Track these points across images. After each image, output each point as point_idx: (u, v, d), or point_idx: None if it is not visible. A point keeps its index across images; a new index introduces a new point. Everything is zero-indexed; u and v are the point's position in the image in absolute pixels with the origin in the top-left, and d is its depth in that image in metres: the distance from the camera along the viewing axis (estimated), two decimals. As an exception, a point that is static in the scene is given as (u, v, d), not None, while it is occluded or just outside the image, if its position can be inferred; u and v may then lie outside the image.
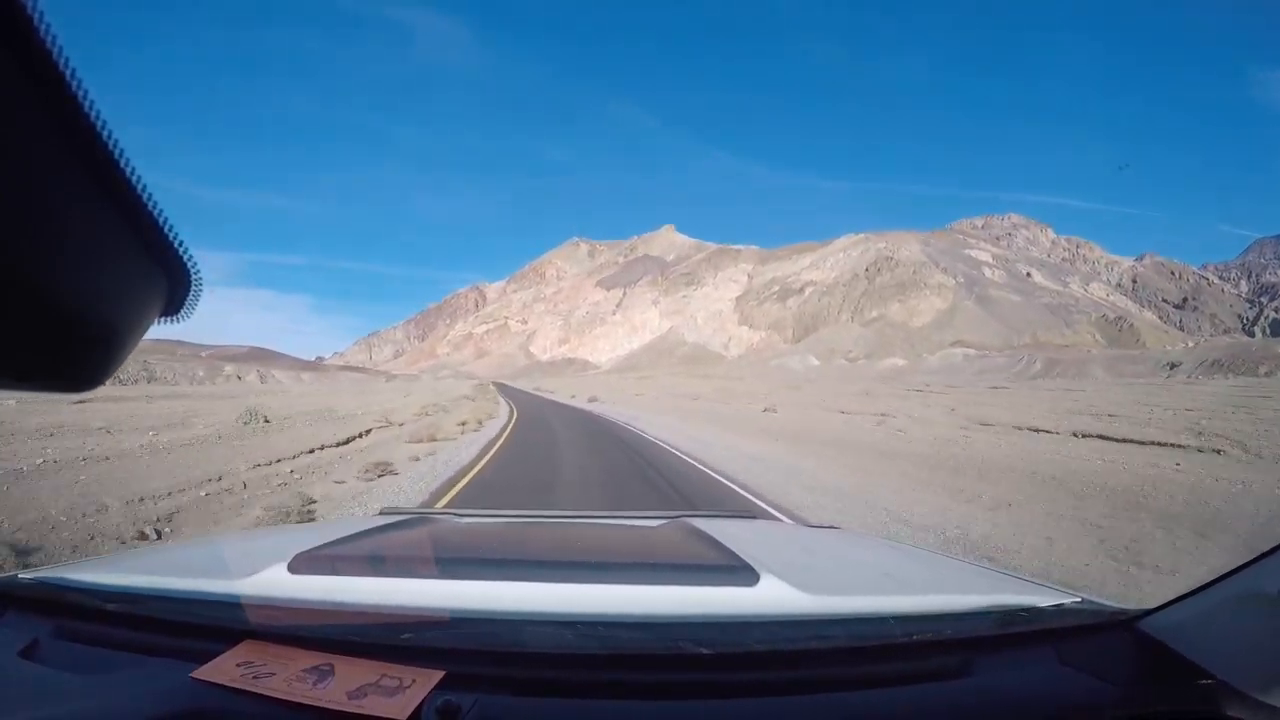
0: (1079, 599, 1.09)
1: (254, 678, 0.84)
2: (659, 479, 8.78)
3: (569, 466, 9.95)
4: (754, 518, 2.80)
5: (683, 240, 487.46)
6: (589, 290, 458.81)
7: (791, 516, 6.29)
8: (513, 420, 20.77)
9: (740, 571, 1.10)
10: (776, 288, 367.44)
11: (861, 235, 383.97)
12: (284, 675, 0.84)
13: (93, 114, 0.36)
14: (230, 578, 1.13)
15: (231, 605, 1.01)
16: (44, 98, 0.34)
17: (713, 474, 9.32)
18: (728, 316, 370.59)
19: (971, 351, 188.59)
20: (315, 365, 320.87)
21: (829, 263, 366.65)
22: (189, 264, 0.46)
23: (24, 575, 1.17)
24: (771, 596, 1.01)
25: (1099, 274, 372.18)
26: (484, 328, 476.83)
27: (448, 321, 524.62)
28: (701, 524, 1.76)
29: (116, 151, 0.38)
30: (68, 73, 0.34)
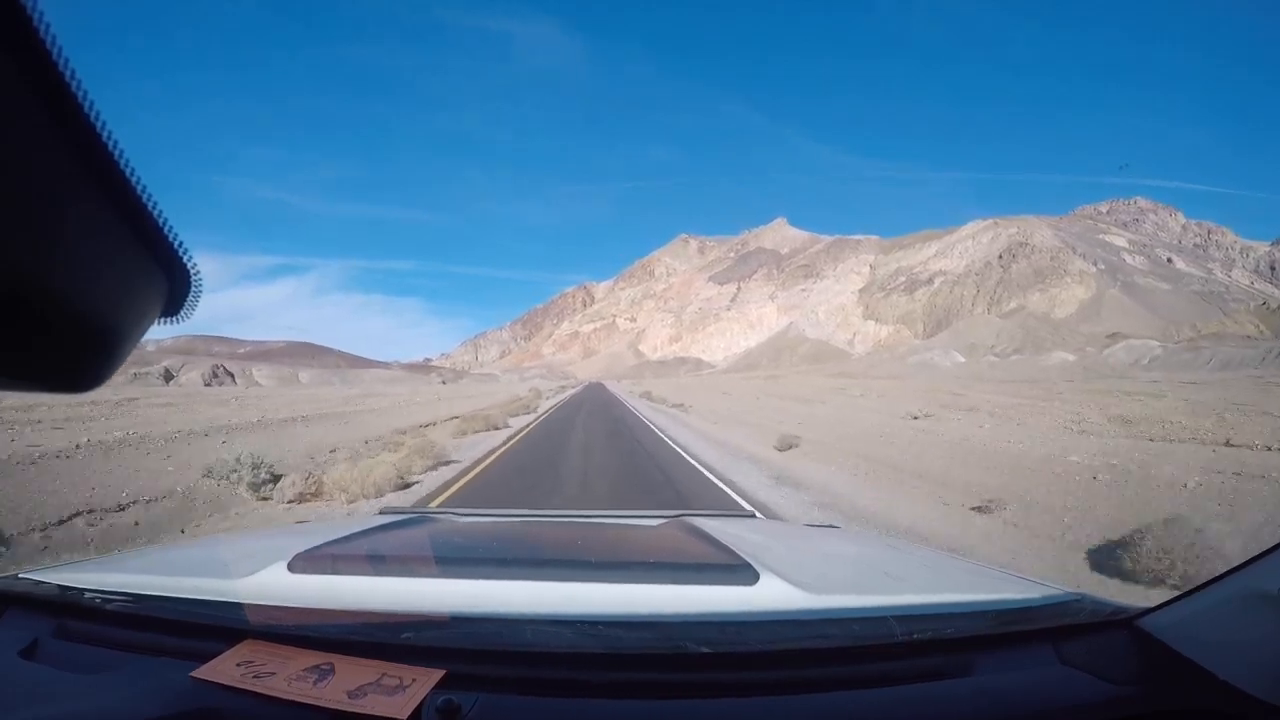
0: (1078, 597, 1.10)
1: (254, 677, 0.84)
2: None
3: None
4: (754, 516, 2.73)
5: (795, 233, 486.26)
6: (700, 285, 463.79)
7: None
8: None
9: (740, 571, 1.11)
10: (902, 279, 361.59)
11: (990, 220, 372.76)
12: (284, 675, 0.85)
13: (93, 114, 0.36)
14: (230, 578, 1.13)
15: (232, 605, 1.02)
16: (44, 99, 0.34)
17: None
18: (851, 310, 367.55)
19: (1155, 343, 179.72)
20: (362, 363, 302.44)
21: (957, 250, 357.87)
22: (189, 264, 0.47)
23: (24, 575, 1.17)
24: (771, 596, 1.02)
25: (1234, 260, 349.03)
26: (591, 326, 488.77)
27: (554, 321, 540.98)
28: (701, 523, 1.77)
29: (116, 152, 0.38)
30: (67, 73, 0.34)
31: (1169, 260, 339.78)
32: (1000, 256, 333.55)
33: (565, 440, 15.06)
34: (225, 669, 0.86)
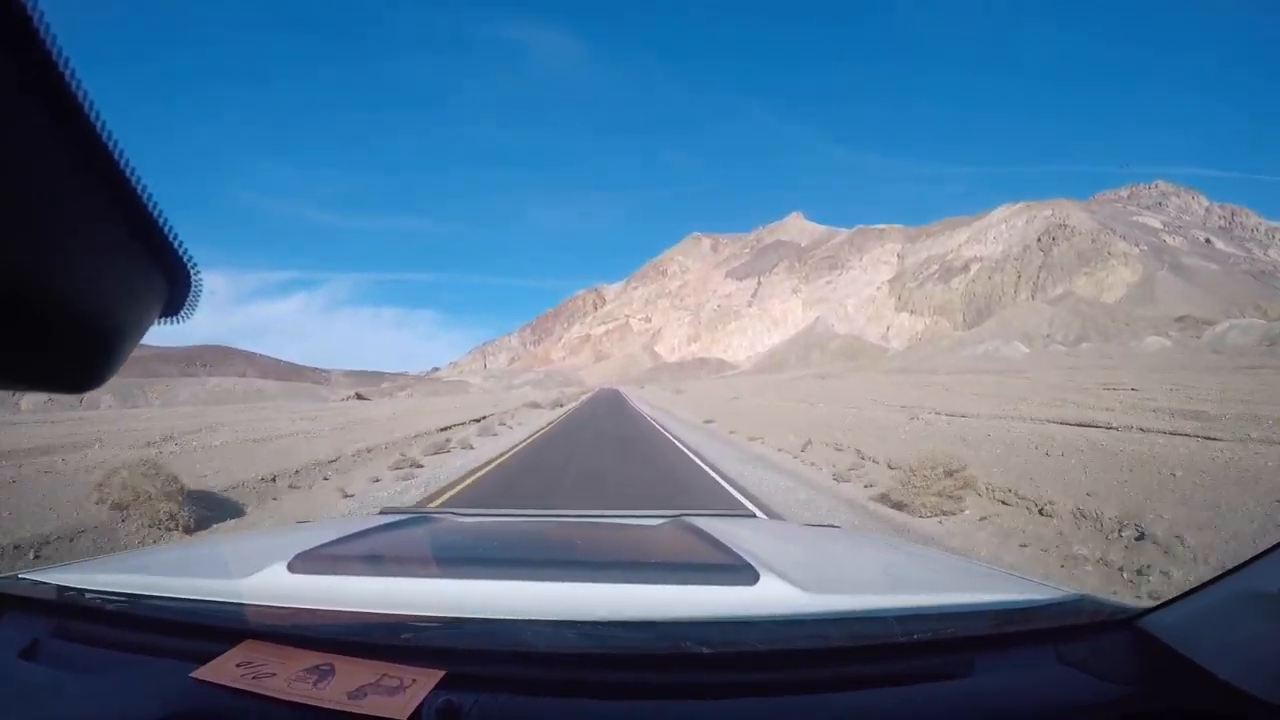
0: (1079, 597, 1.09)
1: (254, 678, 0.85)
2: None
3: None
4: (754, 516, 2.68)
5: (813, 227, 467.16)
6: (718, 282, 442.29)
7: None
8: None
9: (740, 570, 1.11)
10: (935, 267, 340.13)
11: (1022, 204, 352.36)
12: (284, 675, 0.85)
13: (93, 114, 0.36)
14: (230, 578, 1.13)
15: (232, 605, 1.01)
16: (44, 98, 0.34)
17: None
18: (882, 302, 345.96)
19: (1261, 321, 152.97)
20: (286, 371, 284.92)
21: (990, 236, 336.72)
22: (189, 264, 0.47)
23: (24, 575, 1.17)
24: (771, 596, 1.01)
25: (1264, 240, 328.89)
26: (603, 328, 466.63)
27: (564, 325, 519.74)
28: (701, 523, 1.76)
29: (116, 152, 0.38)
30: (67, 73, 0.34)
31: (1207, 241, 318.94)
32: (1039, 240, 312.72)
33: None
34: (225, 669, 0.87)
